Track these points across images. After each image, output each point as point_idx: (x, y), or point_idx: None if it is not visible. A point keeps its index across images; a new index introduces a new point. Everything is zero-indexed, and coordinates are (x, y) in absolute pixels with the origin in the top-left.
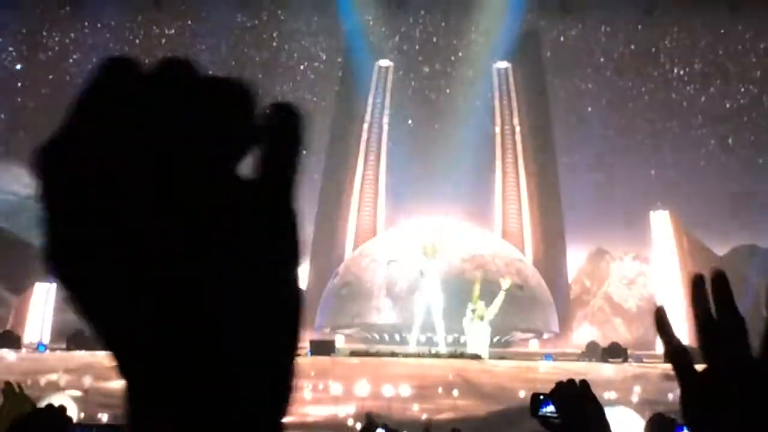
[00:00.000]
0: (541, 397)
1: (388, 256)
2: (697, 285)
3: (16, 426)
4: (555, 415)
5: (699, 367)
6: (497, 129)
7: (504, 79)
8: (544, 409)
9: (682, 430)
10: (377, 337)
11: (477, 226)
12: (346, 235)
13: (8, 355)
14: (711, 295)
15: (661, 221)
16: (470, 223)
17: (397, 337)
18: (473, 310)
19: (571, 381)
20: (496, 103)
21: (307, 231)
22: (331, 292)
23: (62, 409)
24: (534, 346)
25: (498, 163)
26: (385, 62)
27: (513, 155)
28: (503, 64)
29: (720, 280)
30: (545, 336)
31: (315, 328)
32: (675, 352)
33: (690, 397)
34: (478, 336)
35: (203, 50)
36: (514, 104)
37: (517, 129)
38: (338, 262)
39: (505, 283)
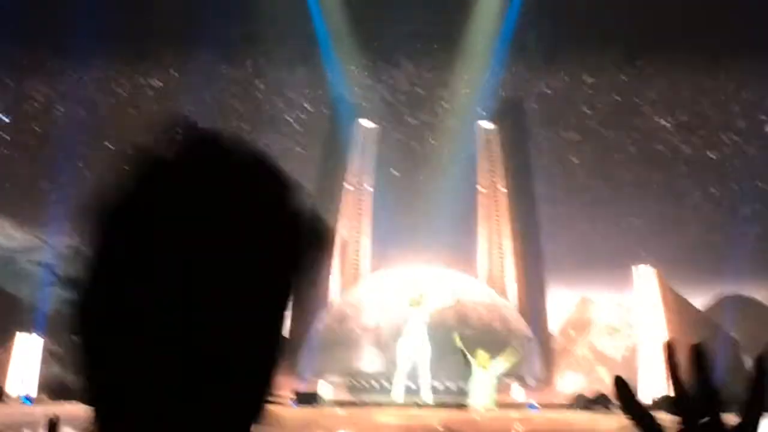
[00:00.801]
0: None
1: (373, 302)
2: (669, 352)
3: None
4: None
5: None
6: (480, 189)
7: (489, 140)
8: None
9: None
10: (364, 384)
11: (461, 272)
12: (329, 281)
13: None
14: (690, 364)
15: (644, 276)
16: (454, 271)
17: (384, 383)
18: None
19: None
20: (480, 163)
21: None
22: (315, 338)
23: None
24: (515, 391)
25: (481, 221)
26: (366, 122)
27: (497, 215)
28: (488, 125)
29: (697, 352)
30: (528, 381)
31: (298, 374)
32: (638, 421)
33: None
34: (482, 386)
35: (189, 101)
36: (499, 166)
37: (502, 191)
38: (321, 307)
39: (457, 341)
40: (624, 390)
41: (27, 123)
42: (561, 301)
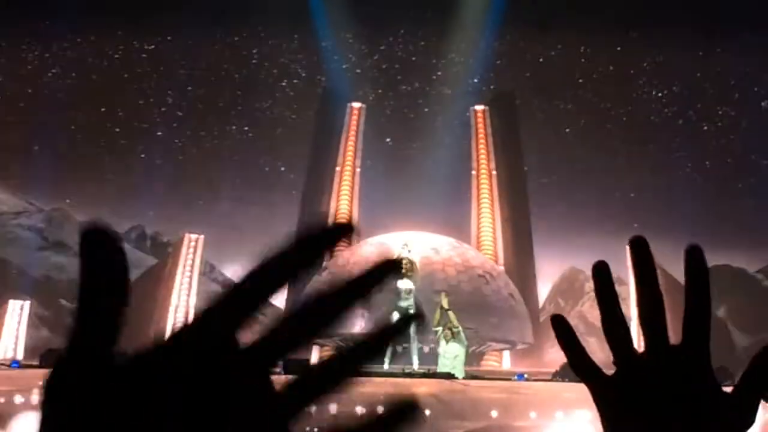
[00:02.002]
0: None
1: (362, 265)
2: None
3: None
4: None
5: None
6: (473, 172)
7: (481, 123)
8: None
9: None
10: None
11: (453, 238)
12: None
13: None
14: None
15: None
16: (447, 236)
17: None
18: (448, 328)
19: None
20: (473, 145)
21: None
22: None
23: None
24: (506, 356)
25: (473, 201)
26: (357, 104)
27: (489, 194)
28: (480, 107)
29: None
30: (519, 346)
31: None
32: (574, 363)
33: (602, 406)
34: (453, 355)
35: (183, 66)
36: (491, 148)
37: (493, 173)
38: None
39: (444, 301)
40: (563, 329)
41: (20, 84)
42: (551, 270)
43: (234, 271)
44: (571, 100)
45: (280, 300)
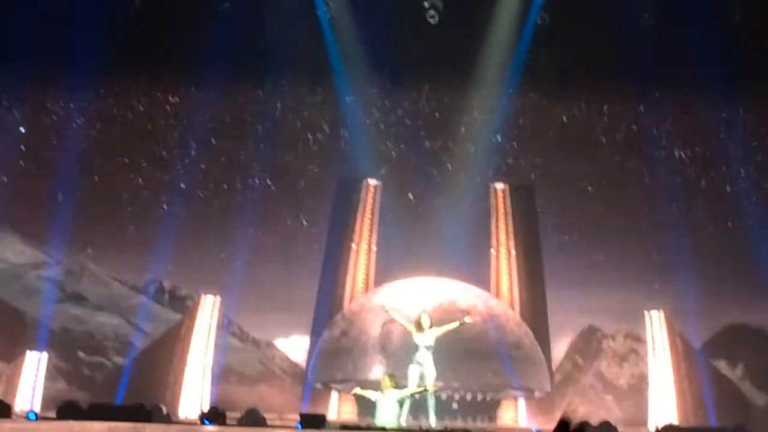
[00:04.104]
0: None
1: (383, 313)
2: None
3: None
4: None
5: None
6: (493, 251)
7: (500, 200)
8: None
9: None
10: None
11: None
12: (344, 296)
13: None
14: None
15: (655, 320)
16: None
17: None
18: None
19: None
20: (493, 225)
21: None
22: (323, 347)
23: None
24: (522, 409)
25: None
26: (373, 181)
27: (508, 273)
28: (500, 185)
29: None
30: (537, 395)
31: (307, 383)
32: None
33: None
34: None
35: (206, 118)
36: (510, 227)
37: (513, 253)
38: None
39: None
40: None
41: (42, 135)
42: (568, 328)
43: (252, 325)
44: (593, 159)
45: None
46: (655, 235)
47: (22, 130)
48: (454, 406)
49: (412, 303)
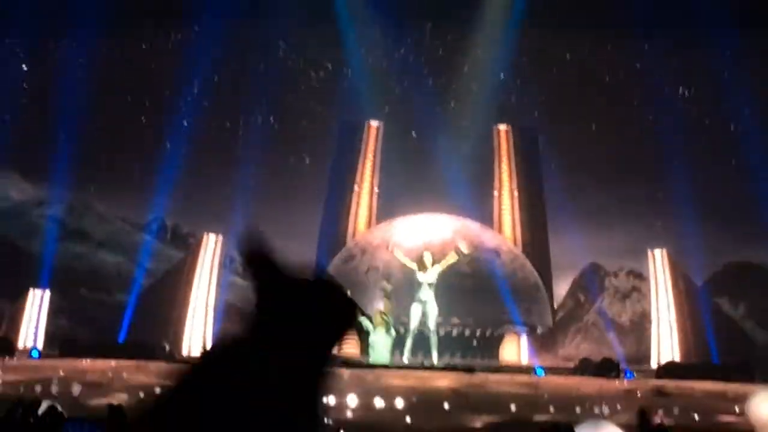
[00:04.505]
0: None
1: (385, 250)
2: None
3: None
4: None
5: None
6: (495, 192)
7: (504, 141)
8: None
9: None
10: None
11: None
12: (347, 229)
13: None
14: None
15: (658, 258)
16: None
17: (392, 331)
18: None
19: (559, 424)
20: (496, 166)
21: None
22: None
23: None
24: (524, 346)
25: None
26: (375, 122)
27: (511, 214)
28: (503, 127)
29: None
30: (539, 330)
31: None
32: None
33: None
34: (381, 344)
35: (209, 57)
36: (513, 167)
37: (515, 194)
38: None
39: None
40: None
41: (45, 75)
42: (571, 266)
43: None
44: (596, 98)
45: None
46: (658, 174)
47: (25, 68)
48: (456, 340)
49: (413, 239)
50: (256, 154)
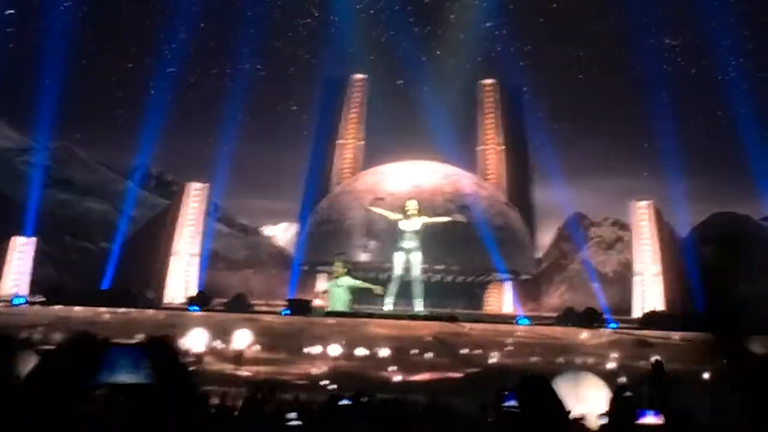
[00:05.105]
0: (505, 392)
1: (369, 195)
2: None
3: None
4: (516, 408)
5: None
6: (480, 148)
7: (489, 96)
8: (507, 403)
9: (645, 414)
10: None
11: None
12: (330, 188)
13: None
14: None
15: (642, 209)
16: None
17: (377, 275)
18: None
19: (532, 377)
20: (480, 120)
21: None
22: (310, 230)
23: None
24: (508, 295)
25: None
26: (359, 75)
27: (495, 169)
28: (488, 81)
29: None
30: (523, 277)
31: (294, 269)
32: None
33: None
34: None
35: (196, 3)
36: (499, 122)
37: (500, 149)
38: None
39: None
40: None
41: (30, 18)
42: (555, 216)
43: (239, 211)
44: (583, 47)
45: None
46: (644, 124)
47: (11, 12)
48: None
49: (397, 184)
50: (242, 102)
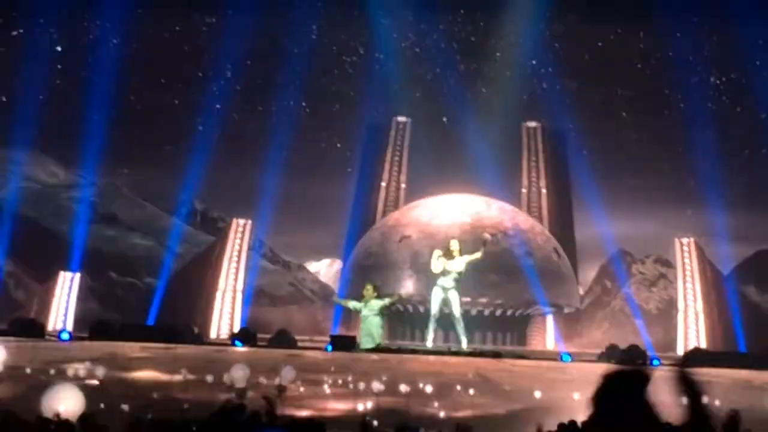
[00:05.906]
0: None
1: (411, 229)
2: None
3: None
4: None
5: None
6: (524, 190)
7: (533, 138)
8: None
9: None
10: (401, 309)
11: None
12: (375, 216)
13: (33, 343)
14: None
15: (686, 246)
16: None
17: (421, 309)
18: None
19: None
20: (524, 163)
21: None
22: (353, 265)
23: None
24: (550, 329)
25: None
26: (402, 118)
27: (538, 210)
28: (532, 124)
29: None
30: (566, 311)
31: (337, 305)
32: None
33: None
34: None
35: (242, 40)
36: (542, 165)
37: (543, 192)
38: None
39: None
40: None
41: (79, 55)
42: (598, 254)
43: (283, 247)
44: (628, 85)
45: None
46: (688, 162)
47: (59, 49)
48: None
49: (441, 218)
50: (287, 139)
